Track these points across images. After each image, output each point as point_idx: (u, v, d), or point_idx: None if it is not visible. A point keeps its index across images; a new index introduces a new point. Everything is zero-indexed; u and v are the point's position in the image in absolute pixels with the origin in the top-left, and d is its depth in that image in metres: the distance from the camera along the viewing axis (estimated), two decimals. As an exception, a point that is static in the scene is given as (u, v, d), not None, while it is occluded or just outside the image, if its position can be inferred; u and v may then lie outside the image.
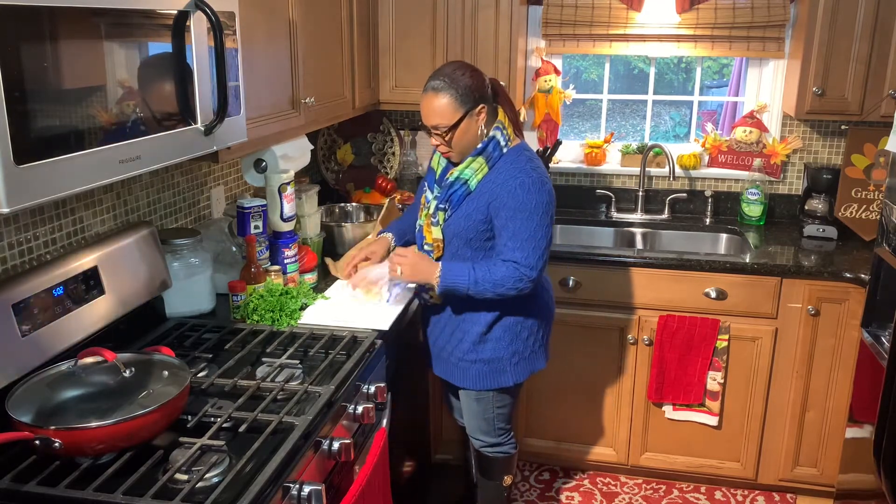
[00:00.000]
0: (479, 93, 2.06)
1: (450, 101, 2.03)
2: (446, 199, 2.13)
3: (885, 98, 2.76)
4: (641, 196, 3.31)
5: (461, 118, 2.04)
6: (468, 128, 2.07)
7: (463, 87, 2.03)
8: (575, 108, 6.76)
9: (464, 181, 2.10)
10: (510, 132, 2.13)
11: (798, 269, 2.70)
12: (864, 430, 2.38)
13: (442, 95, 2.03)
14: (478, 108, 2.06)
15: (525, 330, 2.21)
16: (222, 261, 2.31)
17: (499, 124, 2.11)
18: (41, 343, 1.59)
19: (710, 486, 3.04)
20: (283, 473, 1.43)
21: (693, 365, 2.81)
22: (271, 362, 1.86)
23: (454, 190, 2.12)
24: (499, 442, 2.38)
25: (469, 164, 2.10)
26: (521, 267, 2.04)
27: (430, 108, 2.05)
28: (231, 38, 1.71)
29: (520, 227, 2.03)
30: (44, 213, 1.78)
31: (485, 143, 2.09)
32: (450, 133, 2.06)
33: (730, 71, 4.11)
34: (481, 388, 2.25)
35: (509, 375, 2.22)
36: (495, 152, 2.09)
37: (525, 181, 2.03)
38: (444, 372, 2.32)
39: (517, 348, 2.21)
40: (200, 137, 1.63)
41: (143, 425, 1.42)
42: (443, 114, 2.04)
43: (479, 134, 2.09)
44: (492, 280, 2.05)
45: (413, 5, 2.95)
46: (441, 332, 2.28)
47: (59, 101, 1.25)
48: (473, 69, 2.09)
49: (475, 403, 2.32)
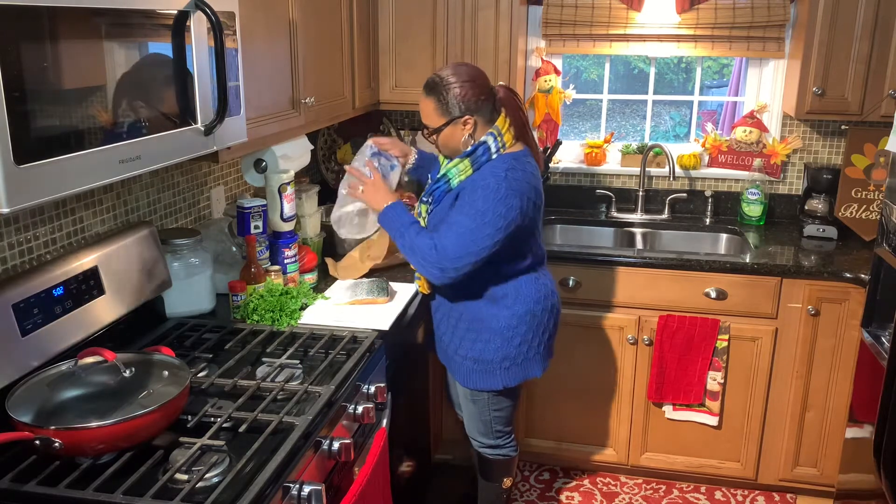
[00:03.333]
0: (467, 104, 2.05)
1: (435, 107, 2.08)
2: (430, 194, 2.18)
3: (885, 98, 2.76)
4: (641, 196, 3.31)
5: (444, 125, 2.08)
6: (452, 134, 2.10)
7: (451, 97, 2.05)
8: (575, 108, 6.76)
9: (447, 179, 2.13)
10: (507, 138, 2.09)
11: (798, 269, 2.70)
12: (864, 430, 2.38)
13: (428, 100, 2.09)
14: (464, 119, 2.07)
15: (517, 337, 2.18)
16: (222, 261, 2.31)
17: (494, 130, 2.08)
18: (41, 343, 1.59)
19: (710, 486, 3.04)
20: (283, 473, 1.43)
21: (693, 365, 2.81)
22: (271, 362, 1.86)
23: (437, 185, 2.15)
24: (497, 444, 2.38)
25: (456, 164, 2.11)
26: (438, 254, 2.01)
27: (421, 105, 2.13)
28: (231, 38, 1.71)
29: (460, 220, 2.01)
30: (44, 213, 1.78)
31: (474, 147, 2.08)
32: (433, 135, 2.12)
33: (730, 71, 4.12)
34: (472, 386, 2.25)
35: (499, 379, 2.21)
36: (483, 157, 2.07)
37: (490, 184, 2.00)
38: (444, 359, 2.34)
39: (508, 353, 2.18)
40: (200, 137, 1.63)
41: (143, 425, 1.42)
42: (427, 116, 2.11)
43: (463, 141, 2.10)
44: (412, 244, 2.05)
45: (413, 5, 2.95)
46: (441, 320, 2.30)
47: (59, 101, 1.25)
48: (472, 79, 2.07)
49: (472, 404, 2.32)
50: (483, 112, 2.09)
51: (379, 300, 2.26)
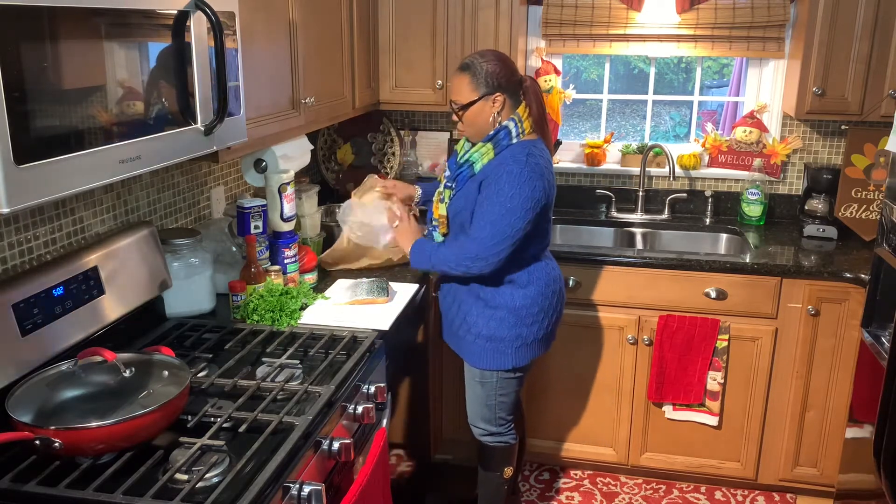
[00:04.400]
0: (499, 81, 2.13)
1: (469, 81, 2.14)
2: (454, 179, 2.24)
3: (885, 98, 2.76)
4: (641, 196, 3.31)
5: (476, 100, 2.14)
6: (481, 110, 2.15)
7: (484, 72, 2.13)
8: (575, 108, 6.76)
9: (471, 164, 2.19)
10: (526, 126, 2.18)
11: (798, 269, 2.70)
12: (864, 430, 2.38)
13: (463, 76, 2.15)
14: (494, 95, 2.13)
15: (530, 317, 2.25)
16: (222, 261, 2.31)
17: (515, 116, 2.17)
18: (41, 343, 1.59)
19: (710, 486, 3.04)
20: (283, 473, 1.43)
21: (693, 365, 2.81)
22: (271, 362, 1.86)
23: (461, 170, 2.21)
24: (500, 431, 2.39)
25: (479, 149, 2.18)
26: (478, 246, 2.10)
27: (453, 84, 2.19)
28: (231, 38, 1.71)
29: (489, 210, 2.10)
30: (44, 213, 1.78)
31: (496, 130, 2.16)
32: (462, 111, 2.16)
33: (730, 71, 4.11)
34: (483, 366, 2.28)
35: (510, 357, 2.26)
36: (504, 140, 2.15)
37: (513, 170, 2.08)
38: (454, 344, 2.36)
39: (521, 332, 2.25)
40: (200, 137, 1.63)
41: (143, 425, 1.42)
42: (459, 92, 2.16)
43: (491, 120, 2.16)
44: (444, 259, 2.17)
45: (413, 5, 2.95)
46: (453, 301, 2.33)
47: (60, 101, 1.25)
48: (503, 60, 2.17)
49: (479, 387, 2.34)
50: (511, 93, 2.16)
51: (379, 300, 2.26)
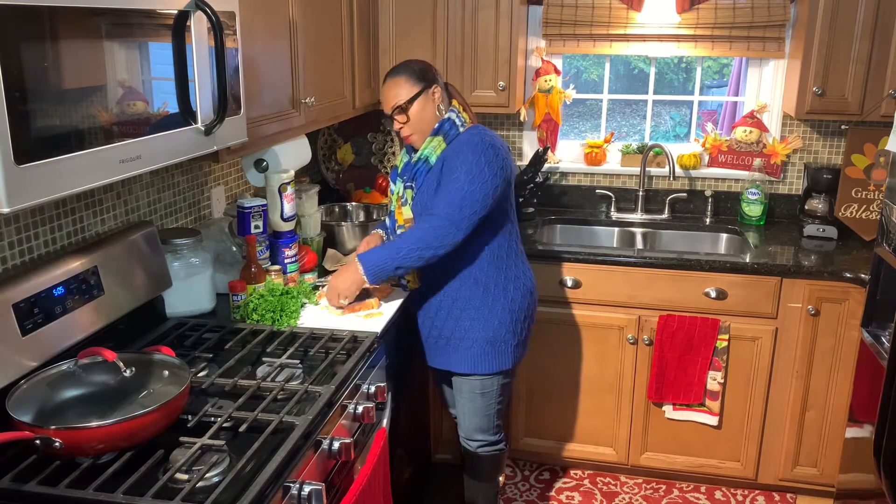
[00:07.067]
0: (432, 74, 2.23)
1: (405, 80, 2.19)
2: (412, 178, 2.25)
3: (885, 98, 2.76)
4: (641, 196, 3.31)
5: (417, 94, 2.18)
6: (424, 104, 2.20)
7: (416, 70, 2.21)
8: (575, 108, 6.76)
9: (425, 159, 2.21)
10: (465, 117, 2.25)
11: (798, 268, 2.70)
12: (864, 430, 2.38)
13: (398, 77, 2.21)
14: (433, 87, 2.21)
15: (521, 312, 2.29)
16: (222, 261, 2.31)
17: (454, 108, 2.25)
18: (41, 343, 1.59)
19: (710, 485, 3.04)
20: (284, 473, 1.43)
21: (693, 365, 2.81)
22: (271, 362, 1.86)
23: (417, 168, 2.24)
24: (496, 440, 2.39)
25: (429, 143, 2.22)
26: (447, 209, 2.10)
27: (389, 91, 2.21)
28: (231, 38, 1.71)
29: (457, 178, 2.12)
30: (44, 213, 1.78)
31: (441, 123, 2.21)
32: (408, 108, 2.18)
33: (730, 71, 4.11)
34: (484, 371, 2.26)
35: (509, 357, 2.28)
36: (452, 130, 2.20)
37: (473, 141, 2.14)
38: (444, 361, 2.30)
39: (516, 330, 2.28)
40: (201, 137, 1.63)
41: (143, 425, 1.41)
42: (398, 93, 2.19)
43: (436, 113, 2.22)
44: (415, 241, 2.10)
45: (413, 5, 2.95)
46: (436, 315, 2.27)
47: (60, 101, 1.25)
48: (420, 60, 2.29)
49: (479, 398, 2.30)
50: (441, 84, 2.25)
51: (372, 304, 2.23)
